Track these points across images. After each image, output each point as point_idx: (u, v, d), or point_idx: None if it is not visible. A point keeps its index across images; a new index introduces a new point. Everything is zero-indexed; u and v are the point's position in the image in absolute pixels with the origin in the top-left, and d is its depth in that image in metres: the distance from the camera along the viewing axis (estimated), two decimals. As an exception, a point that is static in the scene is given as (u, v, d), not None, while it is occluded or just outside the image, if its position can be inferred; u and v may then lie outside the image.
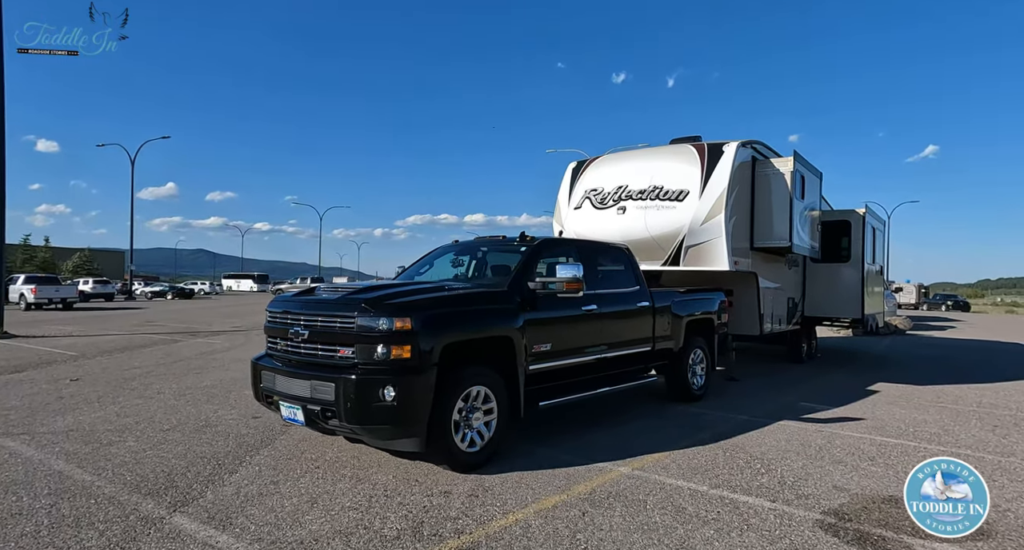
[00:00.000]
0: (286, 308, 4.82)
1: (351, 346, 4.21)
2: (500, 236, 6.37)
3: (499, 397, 4.67)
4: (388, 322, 4.11)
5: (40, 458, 4.79)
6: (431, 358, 4.21)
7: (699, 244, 7.90)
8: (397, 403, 4.01)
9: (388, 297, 4.42)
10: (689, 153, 8.35)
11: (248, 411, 6.61)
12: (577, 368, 5.65)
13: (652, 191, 8.30)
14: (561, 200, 9.69)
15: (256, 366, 4.95)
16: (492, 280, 5.68)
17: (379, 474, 4.44)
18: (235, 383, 8.40)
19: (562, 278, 5.05)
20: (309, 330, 4.46)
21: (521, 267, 5.34)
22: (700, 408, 7.05)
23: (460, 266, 6.39)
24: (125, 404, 6.91)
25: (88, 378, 8.71)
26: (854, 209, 11.99)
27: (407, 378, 4.08)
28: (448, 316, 4.44)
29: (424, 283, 5.39)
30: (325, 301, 4.61)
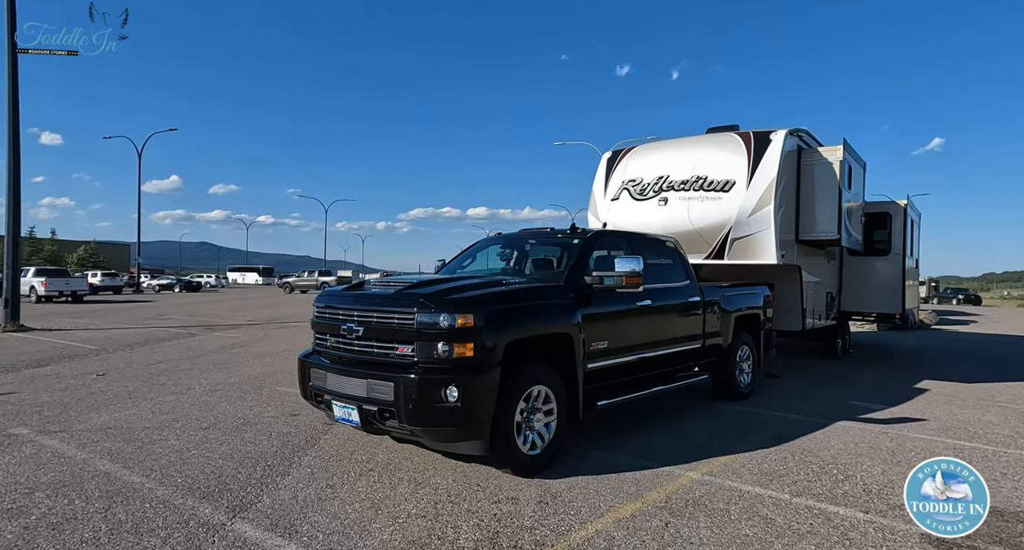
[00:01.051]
0: (336, 303, 4.69)
1: (410, 344, 4.07)
2: (548, 228, 6.21)
3: (559, 397, 4.53)
4: (450, 318, 3.96)
5: (83, 458, 4.69)
6: (494, 356, 4.07)
7: (746, 237, 7.72)
8: (461, 404, 3.88)
9: (448, 292, 4.27)
10: (734, 142, 8.14)
11: (285, 408, 6.52)
12: (632, 366, 5.50)
13: (695, 181, 8.11)
14: (596, 191, 9.51)
15: (304, 363, 4.83)
16: (545, 274, 5.52)
17: (437, 477, 4.32)
18: (264, 379, 8.32)
19: (621, 272, 4.88)
20: (364, 326, 4.32)
21: (576, 260, 5.19)
22: (749, 407, 6.89)
23: (506, 259, 6.22)
24: (158, 400, 6.82)
25: (114, 373, 8.65)
26: (894, 200, 11.75)
27: (471, 378, 3.94)
28: (510, 312, 4.29)
29: (478, 277, 5.24)
30: (380, 296, 4.47)
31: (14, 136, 14.86)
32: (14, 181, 14.96)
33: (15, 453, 4.78)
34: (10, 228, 15.05)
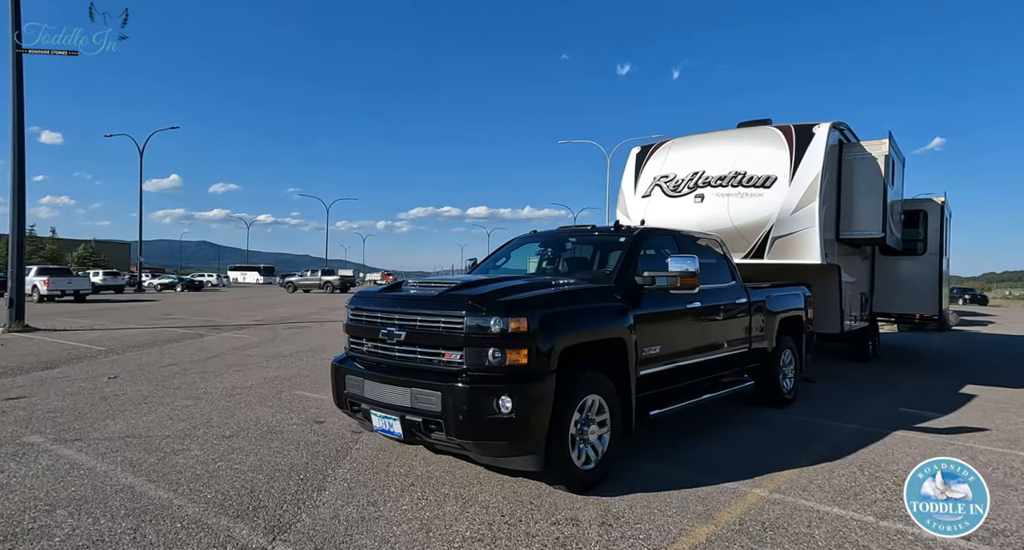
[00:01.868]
0: (374, 306, 4.45)
1: (458, 349, 3.82)
2: (588, 226, 5.97)
3: (612, 407, 4.29)
4: (502, 322, 3.72)
5: (104, 469, 4.47)
6: (549, 364, 3.82)
7: (788, 235, 7.45)
8: (515, 415, 3.63)
9: (498, 293, 4.02)
10: (774, 136, 7.88)
11: (308, 415, 6.30)
12: (682, 372, 5.26)
13: (734, 177, 7.85)
14: (625, 188, 9.25)
15: (339, 370, 4.59)
16: (590, 274, 5.26)
17: (484, 494, 4.07)
18: (281, 382, 8.10)
19: (676, 272, 4.63)
20: (406, 331, 4.08)
21: (625, 260, 4.94)
22: (795, 414, 6.64)
23: (545, 259, 5.98)
24: (175, 406, 6.60)
25: (126, 376, 8.44)
26: (931, 197, 11.46)
27: (525, 387, 3.69)
28: (565, 315, 4.04)
29: (523, 277, 4.99)
30: (423, 298, 4.22)
31: (18, 135, 14.78)
32: (18, 180, 14.87)
33: (31, 464, 4.56)
34: (14, 227, 14.90)
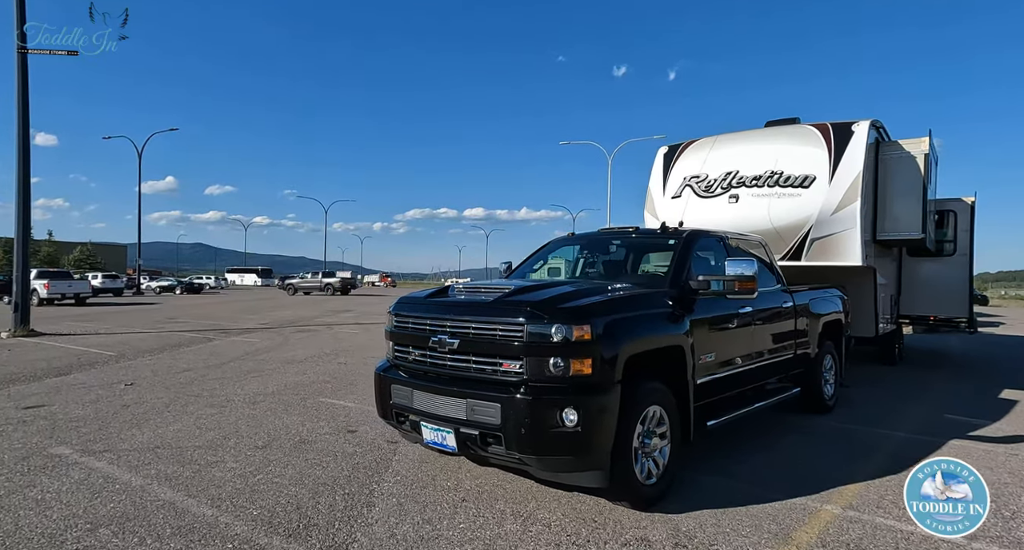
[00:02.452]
0: (422, 312, 4.30)
1: (517, 359, 3.68)
2: (631, 227, 5.83)
3: (672, 418, 4.15)
4: (564, 330, 3.57)
5: (140, 484, 4.32)
6: (615, 374, 3.68)
7: (827, 236, 7.32)
8: (581, 429, 3.49)
9: (558, 299, 3.88)
10: (811, 134, 7.75)
11: (339, 423, 6.16)
12: (734, 380, 5.12)
13: (770, 177, 7.71)
14: (653, 188, 9.12)
15: (384, 379, 4.45)
16: (641, 278, 5.13)
17: (542, 511, 3.93)
18: (303, 389, 7.97)
19: (733, 275, 4.49)
20: (459, 339, 3.93)
21: (678, 263, 4.80)
22: (838, 421, 6.50)
23: (586, 261, 5.84)
24: (199, 414, 6.46)
25: (143, 382, 8.29)
26: (960, 197, 11.32)
27: (591, 399, 3.55)
28: (628, 322, 3.90)
29: (575, 282, 4.85)
30: (477, 304, 4.07)
31: (23, 137, 14.71)
32: (23, 182, 14.77)
33: (64, 478, 4.42)
34: (19, 230, 14.79)
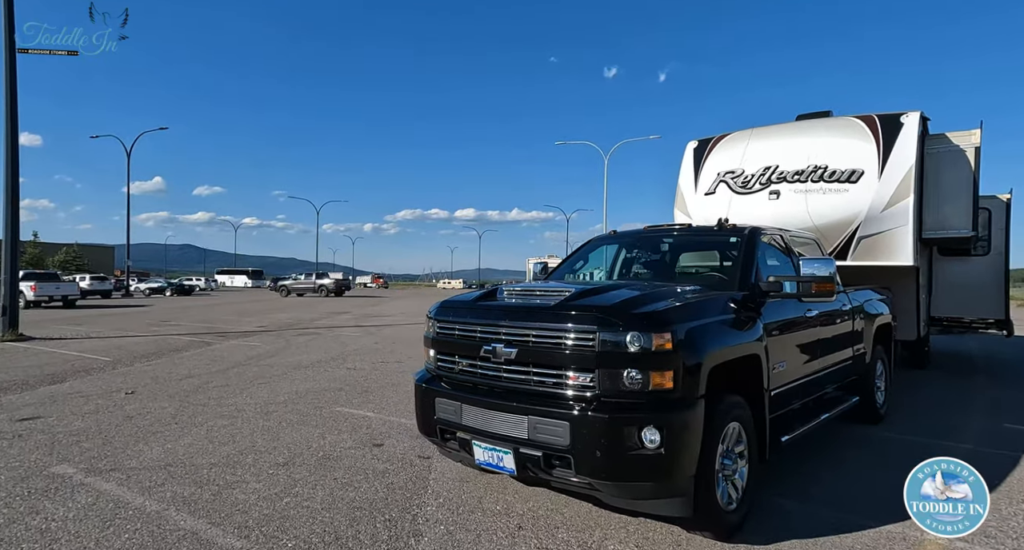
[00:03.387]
0: (471, 318, 3.92)
1: (588, 371, 3.31)
2: (684, 224, 5.48)
3: (749, 434, 3.79)
4: (643, 338, 3.20)
5: (155, 509, 3.93)
6: (698, 387, 3.32)
7: (876, 234, 6.99)
8: (665, 451, 3.12)
9: (632, 303, 3.51)
10: (856, 127, 7.42)
11: (360, 437, 5.78)
12: (801, 390, 4.77)
13: (813, 172, 7.38)
14: (684, 185, 8.77)
15: (426, 391, 4.06)
16: (700, 279, 4.75)
17: (611, 541, 3.56)
18: (315, 397, 7.60)
19: (811, 276, 4.14)
20: (517, 348, 3.56)
21: (745, 263, 4.45)
22: (892, 431, 6.16)
23: (634, 261, 5.49)
24: (210, 426, 6.07)
25: (144, 390, 7.88)
26: (995, 194, 11.03)
27: (674, 416, 3.19)
28: (707, 329, 3.54)
29: (639, 283, 4.48)
30: (537, 309, 3.70)
31: (12, 139, 14.38)
32: (12, 183, 14.41)
33: (69, 503, 4.02)
34: (8, 231, 14.41)
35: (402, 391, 8.06)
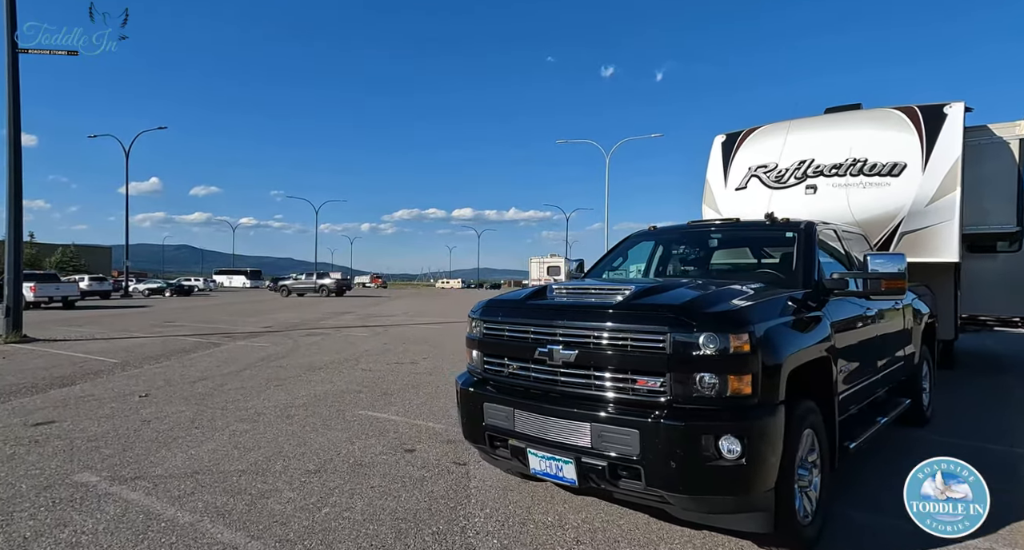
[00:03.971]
0: (523, 317, 3.73)
1: (658, 375, 3.12)
2: (732, 219, 5.29)
3: (821, 442, 3.61)
4: (719, 339, 3.01)
5: (188, 521, 3.75)
6: (778, 392, 3.14)
7: (920, 229, 6.80)
8: (747, 461, 2.93)
9: (703, 301, 3.32)
10: (896, 119, 7.23)
11: (389, 441, 5.61)
12: (863, 393, 4.59)
13: (852, 165, 7.19)
14: (712, 180, 8.58)
15: (473, 396, 3.86)
16: (755, 277, 4.54)
17: (677, 553, 3.38)
18: (335, 399, 7.43)
19: (879, 273, 3.95)
20: (576, 350, 3.37)
21: (806, 258, 4.26)
22: (940, 435, 5.96)
23: (680, 258, 5.30)
24: (232, 431, 5.89)
25: (158, 393, 7.70)
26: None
27: (754, 424, 2.99)
28: (784, 329, 3.35)
29: (700, 280, 4.27)
30: (597, 308, 3.50)
31: (15, 139, 14.31)
32: (15, 183, 14.32)
33: (97, 514, 3.84)
34: (11, 231, 14.26)
35: (423, 393, 7.89)
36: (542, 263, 49.24)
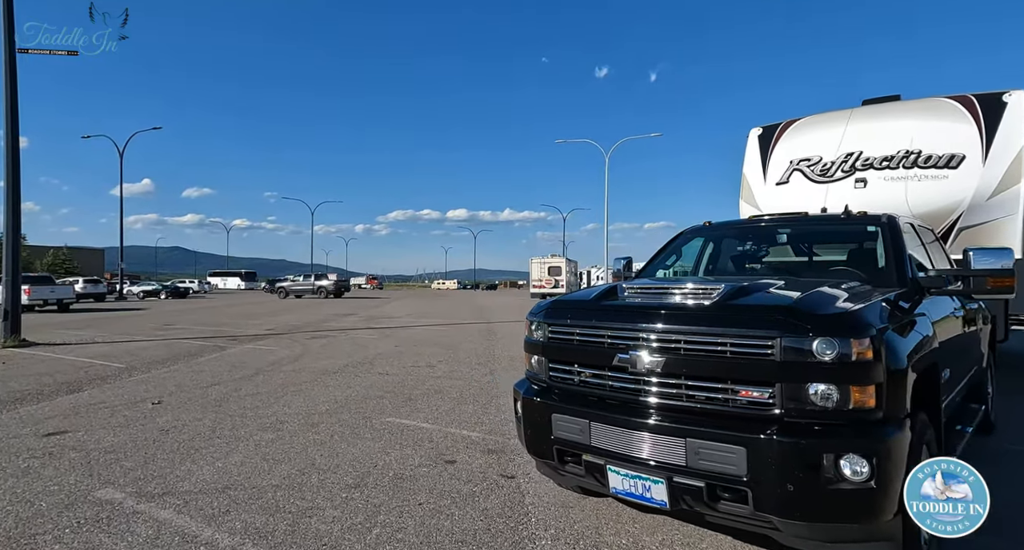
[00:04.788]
0: (595, 319, 3.42)
1: (766, 385, 2.80)
2: (801, 213, 4.99)
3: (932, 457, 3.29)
4: (839, 345, 2.69)
5: (229, 544, 3.44)
6: (904, 404, 2.83)
7: (981, 224, 6.51)
8: (876, 484, 2.61)
9: (814, 301, 3.01)
10: (950, 108, 6.95)
11: (426, 451, 5.30)
12: (952, 400, 4.28)
13: (905, 157, 6.91)
14: (750, 175, 8.29)
15: (540, 406, 3.53)
16: (839, 274, 4.23)
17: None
18: (359, 406, 7.14)
19: (985, 270, 3.65)
20: (665, 356, 3.05)
21: (896, 254, 3.96)
22: (1012, 443, 5.69)
23: (744, 255, 5.00)
24: (256, 440, 5.57)
25: (171, 400, 7.38)
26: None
27: (883, 441, 2.67)
28: (904, 333, 3.04)
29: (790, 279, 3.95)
30: (686, 309, 3.19)
31: (13, 140, 13.98)
32: (14, 184, 14.02)
33: (128, 536, 3.52)
34: (9, 233, 13.95)
35: (448, 399, 7.59)
36: (543, 264, 48.64)
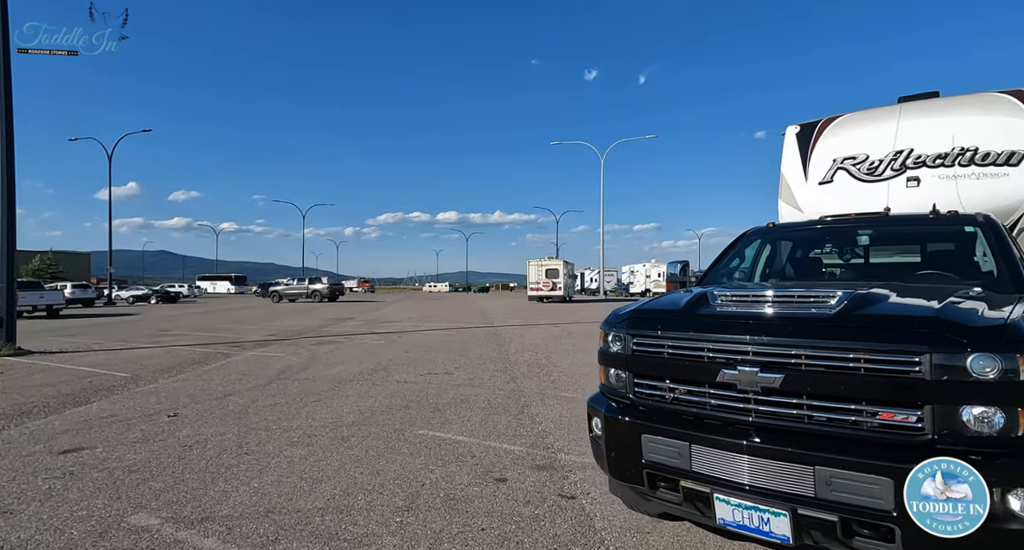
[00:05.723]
0: (691, 330, 3.15)
1: (911, 407, 2.54)
2: (881, 212, 4.74)
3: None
4: (1002, 361, 2.43)
5: (288, 580, 3.13)
6: None
7: (1043, 225, 6.28)
8: None
9: (969, 312, 2.74)
10: (1007, 103, 6.73)
11: (472, 469, 5.03)
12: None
13: (960, 154, 6.68)
14: (789, 174, 8.03)
15: (627, 426, 3.26)
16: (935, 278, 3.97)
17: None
18: (388, 417, 6.87)
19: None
20: (782, 372, 2.79)
21: (1007, 256, 3.72)
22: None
23: (818, 259, 4.75)
24: (288, 456, 5.28)
25: (187, 412, 7.06)
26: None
27: None
28: None
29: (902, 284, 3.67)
30: (805, 319, 2.92)
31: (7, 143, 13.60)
32: (8, 188, 13.73)
33: (175, 572, 3.21)
34: (4, 239, 13.56)
35: (477, 409, 7.31)
36: (540, 266, 48.28)
